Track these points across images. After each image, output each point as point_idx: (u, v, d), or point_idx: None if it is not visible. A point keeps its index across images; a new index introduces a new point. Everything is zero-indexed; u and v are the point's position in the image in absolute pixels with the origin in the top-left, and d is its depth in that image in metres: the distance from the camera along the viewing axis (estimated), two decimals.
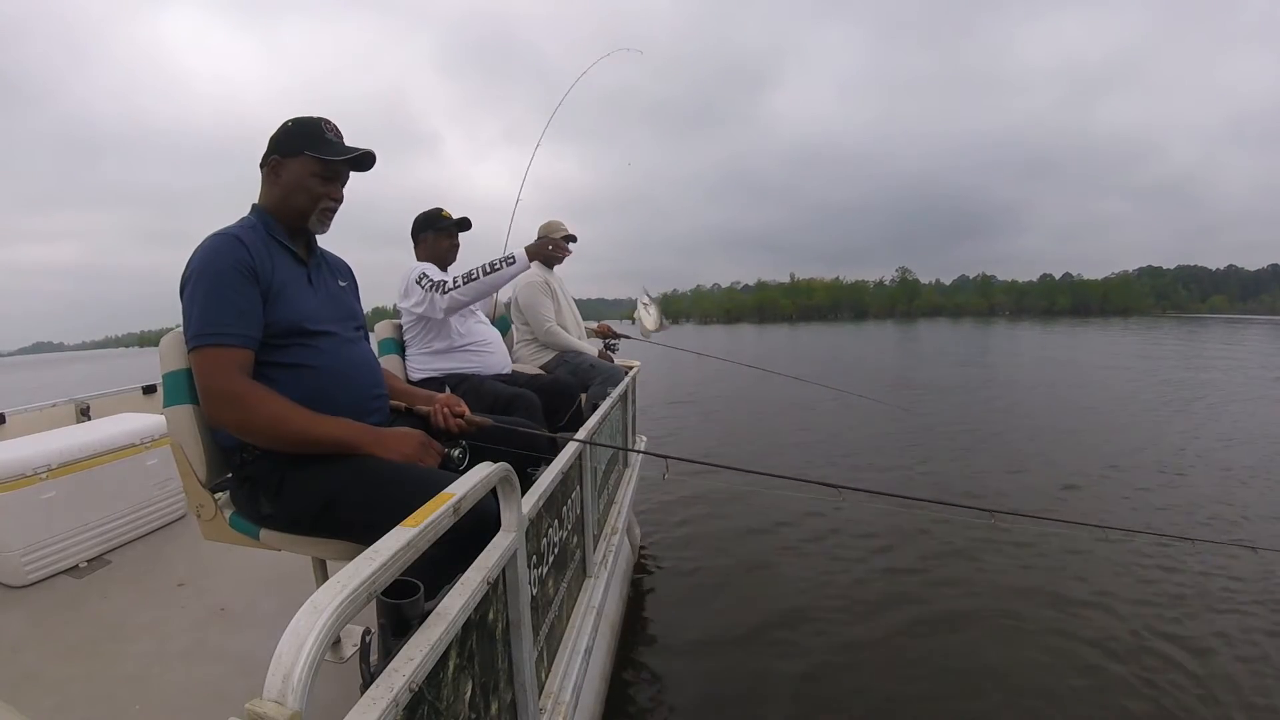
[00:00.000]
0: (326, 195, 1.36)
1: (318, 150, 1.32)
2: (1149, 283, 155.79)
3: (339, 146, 1.35)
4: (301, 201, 1.34)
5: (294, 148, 1.33)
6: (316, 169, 1.33)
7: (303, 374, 1.30)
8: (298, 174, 1.33)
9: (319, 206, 1.36)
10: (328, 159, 1.32)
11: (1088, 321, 66.20)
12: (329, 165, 1.33)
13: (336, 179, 1.37)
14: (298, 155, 1.33)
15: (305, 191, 1.34)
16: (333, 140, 1.35)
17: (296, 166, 1.33)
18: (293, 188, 1.34)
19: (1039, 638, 3.08)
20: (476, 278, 2.11)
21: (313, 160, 1.32)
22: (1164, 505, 4.99)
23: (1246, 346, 23.94)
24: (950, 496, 5.18)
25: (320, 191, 1.35)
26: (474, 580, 0.83)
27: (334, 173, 1.36)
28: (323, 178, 1.34)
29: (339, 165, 1.35)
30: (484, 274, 2.11)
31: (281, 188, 1.35)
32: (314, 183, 1.34)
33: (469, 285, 2.10)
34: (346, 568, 0.58)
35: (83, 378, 25.13)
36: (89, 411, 2.97)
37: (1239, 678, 2.74)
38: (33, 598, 2.09)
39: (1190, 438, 7.41)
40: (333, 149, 1.33)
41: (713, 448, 7.53)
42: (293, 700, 0.45)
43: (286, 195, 1.35)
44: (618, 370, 3.05)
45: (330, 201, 1.37)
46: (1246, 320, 72.87)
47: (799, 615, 3.40)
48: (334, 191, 1.37)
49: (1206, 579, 3.65)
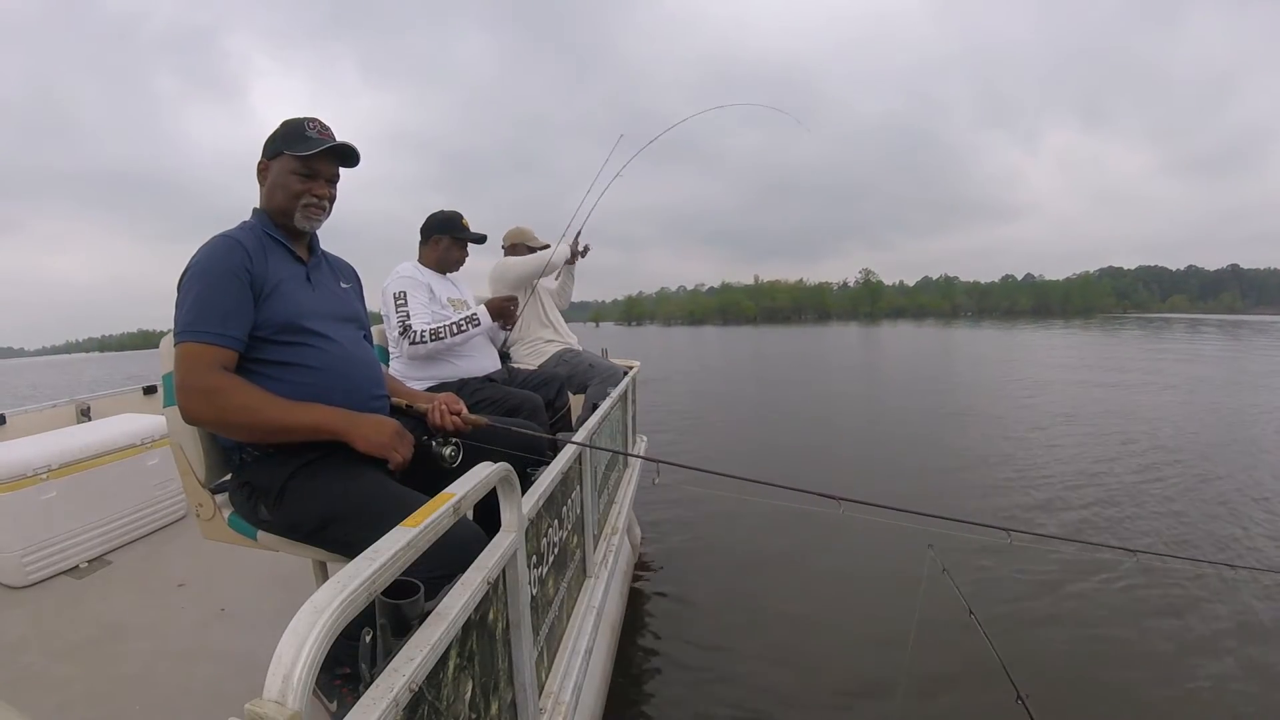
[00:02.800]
0: (306, 192, 1.36)
1: (294, 148, 1.34)
2: (1110, 283, 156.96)
3: (311, 141, 1.35)
4: (282, 200, 1.36)
5: (275, 149, 1.36)
6: (294, 167, 1.35)
7: (301, 373, 1.30)
8: (278, 173, 1.36)
9: (300, 204, 1.37)
10: (302, 155, 1.33)
11: (1049, 322, 67.51)
12: (305, 162, 1.34)
13: (316, 176, 1.37)
14: (278, 156, 1.36)
15: (284, 189, 1.36)
16: (312, 137, 1.35)
17: (277, 166, 1.36)
18: (274, 187, 1.37)
19: (1073, 666, 2.89)
20: (443, 337, 2.19)
21: (290, 159, 1.34)
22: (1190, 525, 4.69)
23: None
24: (964, 514, 4.94)
25: (299, 189, 1.36)
26: (474, 580, 0.83)
27: (312, 170, 1.36)
28: (301, 175, 1.35)
29: (315, 161, 1.36)
30: (450, 334, 2.20)
31: (268, 188, 1.38)
32: (293, 180, 1.35)
33: (435, 344, 2.18)
34: (346, 568, 0.58)
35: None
36: (89, 412, 2.98)
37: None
38: (33, 598, 2.10)
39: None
40: (307, 145, 1.34)
41: (713, 450, 7.55)
42: (293, 700, 0.45)
43: (270, 194, 1.38)
44: (616, 369, 3.04)
45: (312, 198, 1.37)
46: (1203, 320, 73.11)
47: (799, 615, 3.40)
48: (315, 188, 1.37)
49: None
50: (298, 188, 1.36)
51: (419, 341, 2.16)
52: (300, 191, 1.36)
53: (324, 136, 1.37)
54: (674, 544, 4.44)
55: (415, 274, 2.29)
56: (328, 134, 1.38)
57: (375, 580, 0.58)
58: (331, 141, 1.36)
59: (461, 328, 2.22)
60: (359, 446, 1.25)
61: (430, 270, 2.38)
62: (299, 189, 1.36)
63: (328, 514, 1.23)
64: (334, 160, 1.39)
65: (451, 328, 2.20)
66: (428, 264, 2.41)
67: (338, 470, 1.26)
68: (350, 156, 1.40)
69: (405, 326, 2.18)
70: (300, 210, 1.37)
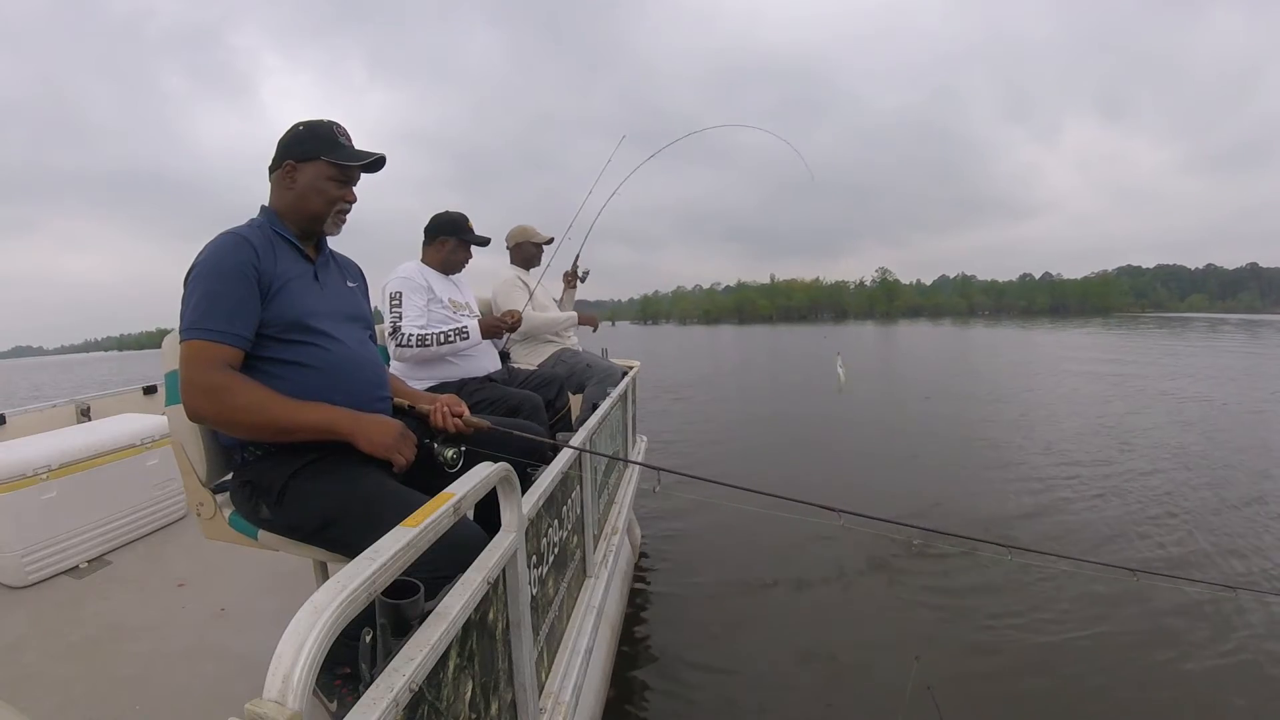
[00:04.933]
0: (341, 198, 1.39)
1: (333, 155, 1.34)
2: (1128, 282, 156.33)
3: (353, 151, 1.38)
4: (318, 205, 1.37)
5: (309, 152, 1.35)
6: (332, 173, 1.35)
7: (305, 372, 1.30)
8: (313, 178, 1.35)
9: (334, 209, 1.39)
10: (343, 164, 1.35)
11: (1067, 322, 66.31)
12: (344, 169, 1.36)
13: (350, 182, 1.40)
14: (313, 160, 1.35)
15: (321, 195, 1.36)
16: (345, 144, 1.38)
17: (311, 171, 1.35)
18: (308, 191, 1.36)
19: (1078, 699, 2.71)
20: (429, 345, 2.20)
21: (328, 165, 1.35)
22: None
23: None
24: (967, 530, 4.34)
25: (336, 195, 1.37)
26: (474, 580, 0.83)
27: (348, 176, 1.38)
28: (338, 181, 1.37)
29: (353, 169, 1.38)
30: (437, 343, 2.22)
31: (297, 192, 1.36)
32: (330, 186, 1.36)
33: (420, 350, 2.20)
34: (346, 568, 0.58)
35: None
36: (89, 412, 2.98)
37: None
38: (33, 598, 2.10)
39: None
40: (347, 154, 1.36)
41: (716, 452, 7.54)
42: (293, 700, 0.45)
43: (301, 199, 1.37)
44: (615, 369, 3.04)
45: (345, 204, 1.40)
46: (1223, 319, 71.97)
47: (799, 616, 3.41)
48: (348, 194, 1.40)
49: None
50: (335, 194, 1.37)
51: (405, 345, 2.18)
52: (337, 198, 1.38)
53: (350, 142, 1.40)
54: (674, 544, 4.44)
55: (415, 275, 2.29)
56: (350, 139, 1.41)
57: (375, 580, 0.58)
58: (371, 154, 1.38)
59: (450, 339, 2.23)
60: (362, 447, 1.25)
61: (433, 271, 2.38)
62: (336, 195, 1.37)
63: (329, 514, 1.23)
64: (365, 168, 1.41)
65: (440, 337, 2.22)
66: (431, 264, 2.40)
67: (339, 470, 1.26)
68: (382, 165, 1.43)
69: (395, 328, 2.20)
70: (333, 216, 1.40)
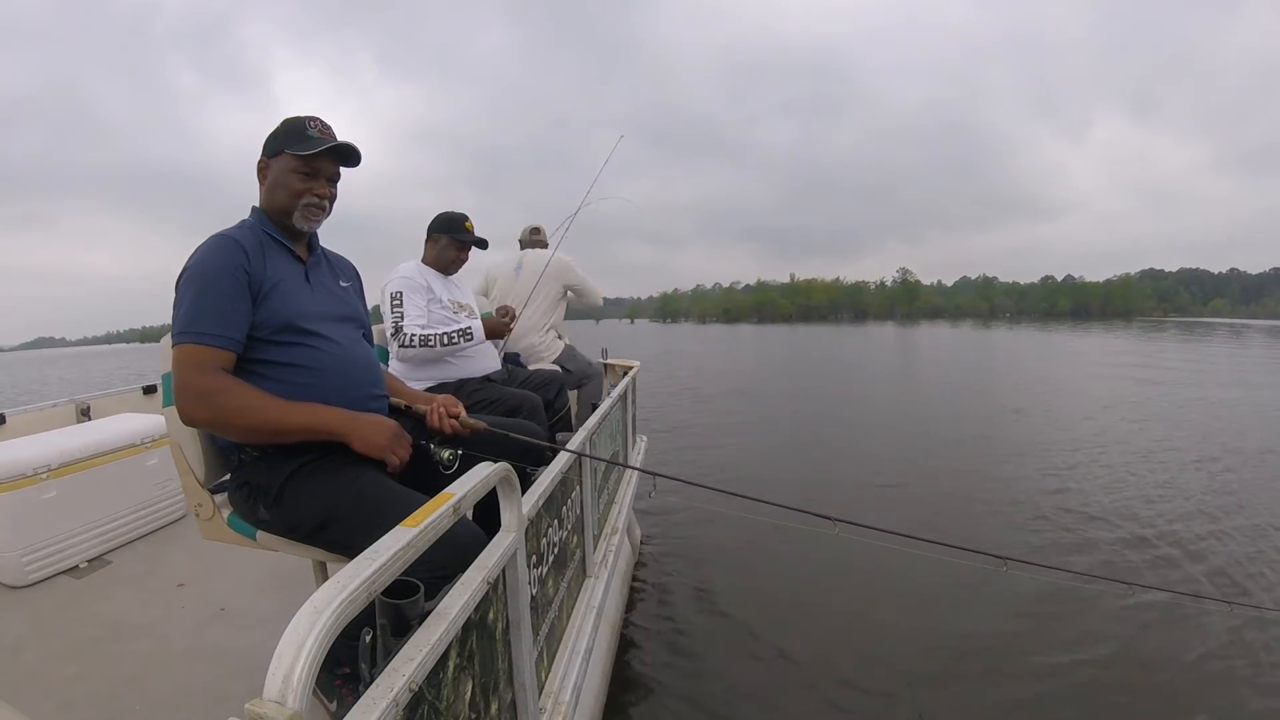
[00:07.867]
0: (307, 191, 1.36)
1: (295, 147, 1.34)
2: (1150, 285, 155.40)
3: (315, 141, 1.35)
4: (283, 199, 1.36)
5: (276, 147, 1.36)
6: (295, 165, 1.34)
7: (297, 373, 1.30)
8: (278, 172, 1.35)
9: (300, 203, 1.36)
10: (304, 154, 1.33)
11: (1089, 325, 65.50)
12: (306, 161, 1.34)
13: (317, 175, 1.37)
14: (279, 154, 1.35)
15: (285, 189, 1.35)
16: (314, 137, 1.35)
17: (278, 165, 1.36)
18: (274, 186, 1.36)
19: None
20: (432, 345, 2.19)
21: (291, 158, 1.34)
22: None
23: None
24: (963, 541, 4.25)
25: (300, 188, 1.35)
26: (474, 580, 0.83)
27: (313, 169, 1.35)
28: (302, 174, 1.35)
29: (317, 161, 1.35)
30: (440, 344, 2.20)
31: (267, 187, 1.38)
32: (294, 179, 1.35)
33: (423, 349, 2.19)
34: (346, 568, 0.58)
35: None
36: (89, 412, 2.97)
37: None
38: (33, 598, 2.09)
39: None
40: (309, 144, 1.34)
41: (722, 454, 7.52)
42: (293, 700, 0.45)
43: (270, 194, 1.37)
44: (595, 367, 3.07)
45: (312, 198, 1.37)
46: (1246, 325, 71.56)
47: (799, 617, 3.40)
48: (316, 188, 1.37)
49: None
50: (299, 187, 1.35)
51: (408, 344, 2.18)
52: (301, 191, 1.35)
53: (325, 136, 1.36)
54: (675, 543, 4.44)
55: (415, 275, 2.29)
56: (329, 133, 1.38)
57: (375, 580, 0.58)
58: (333, 141, 1.36)
59: (453, 339, 2.23)
60: (356, 447, 1.25)
61: (433, 271, 2.38)
62: (300, 188, 1.35)
63: (327, 514, 1.23)
64: (335, 160, 1.39)
65: (443, 338, 2.22)
66: (428, 262, 2.41)
67: (336, 470, 1.26)
68: (351, 156, 1.40)
69: (397, 327, 2.20)
70: (300, 210, 1.37)
